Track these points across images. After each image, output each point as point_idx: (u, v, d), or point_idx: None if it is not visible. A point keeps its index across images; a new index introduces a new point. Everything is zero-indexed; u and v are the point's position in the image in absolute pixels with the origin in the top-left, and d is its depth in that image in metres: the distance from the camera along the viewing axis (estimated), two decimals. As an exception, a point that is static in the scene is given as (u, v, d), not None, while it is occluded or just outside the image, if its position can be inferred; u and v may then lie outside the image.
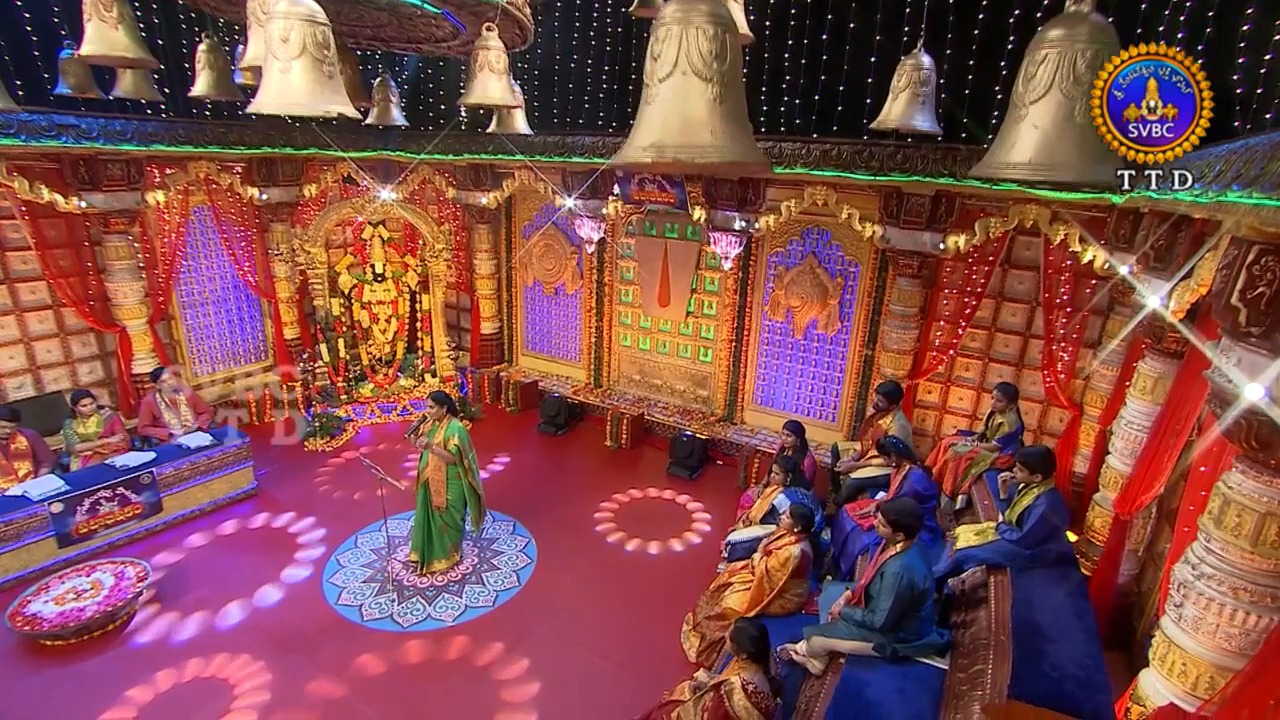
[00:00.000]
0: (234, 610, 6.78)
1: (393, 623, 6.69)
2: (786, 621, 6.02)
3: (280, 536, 8.03)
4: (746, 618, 5.20)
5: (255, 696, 5.80)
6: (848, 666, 4.94)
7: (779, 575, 6.11)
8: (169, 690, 5.83)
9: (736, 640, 4.60)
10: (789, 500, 6.72)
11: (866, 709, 4.56)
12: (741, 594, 6.38)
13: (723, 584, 6.65)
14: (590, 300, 11.45)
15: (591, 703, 5.89)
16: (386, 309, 11.25)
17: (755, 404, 10.41)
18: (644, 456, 10.32)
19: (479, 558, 7.71)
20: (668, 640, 6.59)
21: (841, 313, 9.43)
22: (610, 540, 8.20)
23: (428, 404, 7.17)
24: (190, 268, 10.44)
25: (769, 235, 9.65)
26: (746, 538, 7.09)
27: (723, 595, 6.51)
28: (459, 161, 11.07)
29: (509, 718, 5.70)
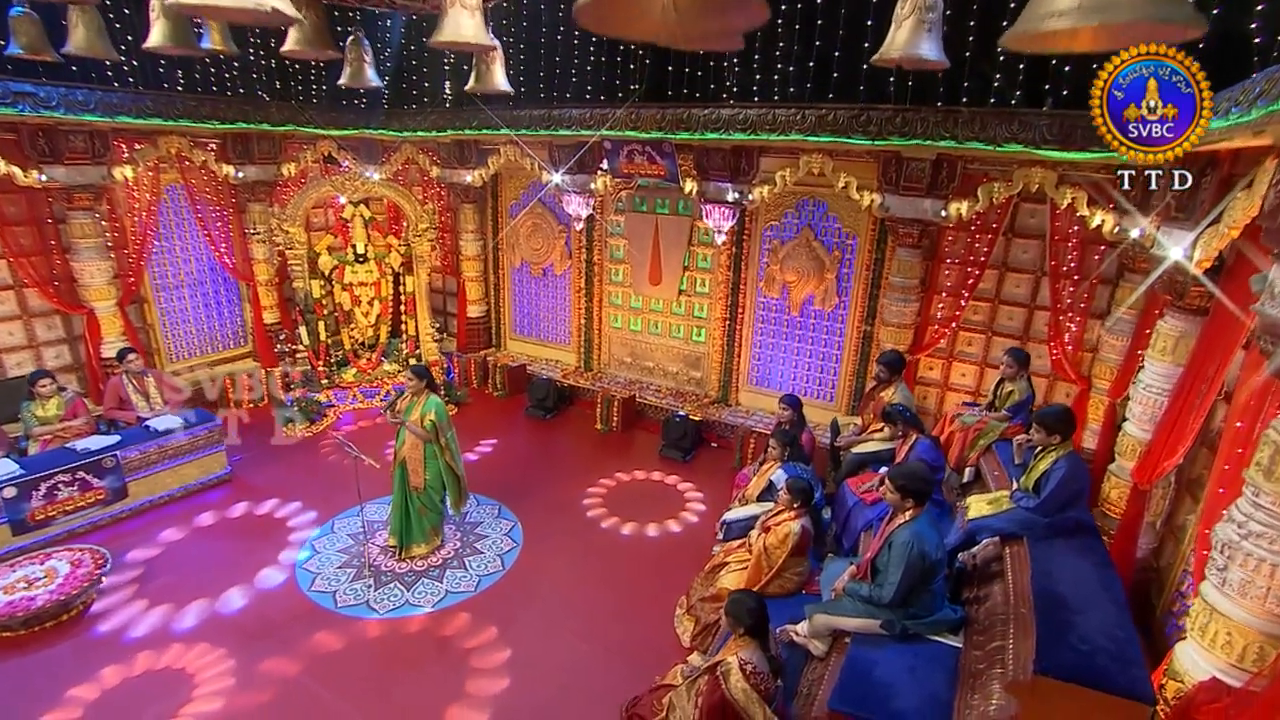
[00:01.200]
0: (200, 599, 6.34)
1: (368, 609, 6.26)
2: (786, 602, 5.61)
3: (253, 522, 7.60)
4: (742, 590, 4.79)
5: (216, 687, 5.37)
6: (854, 646, 4.53)
7: (778, 553, 5.70)
8: (121, 685, 5.39)
9: (733, 613, 4.19)
10: (787, 475, 6.30)
11: (875, 689, 4.15)
12: (738, 573, 5.97)
13: (718, 564, 6.23)
14: (579, 281, 11.02)
15: (578, 689, 5.47)
16: (369, 291, 10.79)
17: (750, 384, 9.99)
18: (635, 439, 9.90)
19: (461, 542, 7.28)
20: (660, 625, 6.18)
21: (839, 287, 9.02)
22: (600, 524, 7.78)
23: (406, 378, 6.74)
24: (164, 249, 9.98)
25: (763, 207, 9.23)
26: (743, 516, 6.68)
27: (718, 576, 6.09)
28: (443, 138, 10.63)
29: (490, 706, 5.28)
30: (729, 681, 4.13)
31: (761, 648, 4.25)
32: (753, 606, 4.22)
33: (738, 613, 4.19)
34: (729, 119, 8.01)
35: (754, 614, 4.19)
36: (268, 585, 6.58)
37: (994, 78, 7.06)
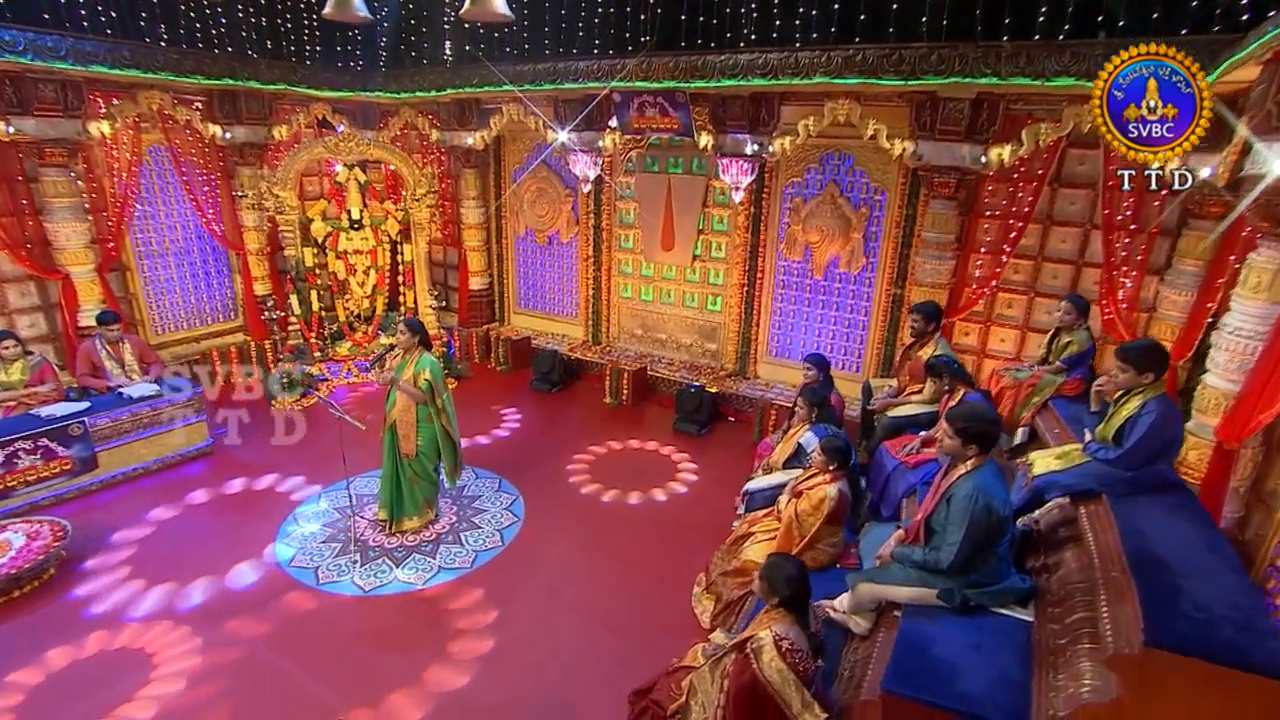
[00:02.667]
0: (167, 576, 5.73)
1: (353, 586, 5.63)
2: (820, 577, 4.89)
3: (235, 497, 6.99)
4: (781, 553, 4.14)
5: (177, 668, 4.76)
6: (906, 620, 3.85)
7: (811, 520, 5.03)
8: (70, 667, 4.80)
9: (769, 579, 3.54)
10: (817, 436, 5.63)
11: (935, 669, 3.48)
12: (765, 544, 5.30)
13: (742, 536, 5.57)
14: (587, 248, 10.37)
15: (585, 672, 4.84)
16: (364, 259, 10.16)
17: (770, 355, 9.32)
18: (647, 413, 9.24)
19: (458, 516, 6.65)
20: (675, 604, 5.55)
21: (866, 247, 8.33)
22: (608, 499, 7.14)
23: (398, 332, 6.11)
24: (147, 214, 9.37)
25: (784, 162, 8.57)
26: (767, 485, 6.01)
27: (742, 548, 5.43)
28: (443, 98, 10.02)
29: (487, 691, 4.63)
30: (761, 660, 3.48)
31: (800, 623, 3.59)
32: (792, 573, 3.57)
33: (774, 579, 3.53)
34: (747, 64, 7.36)
35: (793, 582, 3.54)
36: (242, 560, 5.96)
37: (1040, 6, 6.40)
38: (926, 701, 3.29)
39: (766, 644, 3.49)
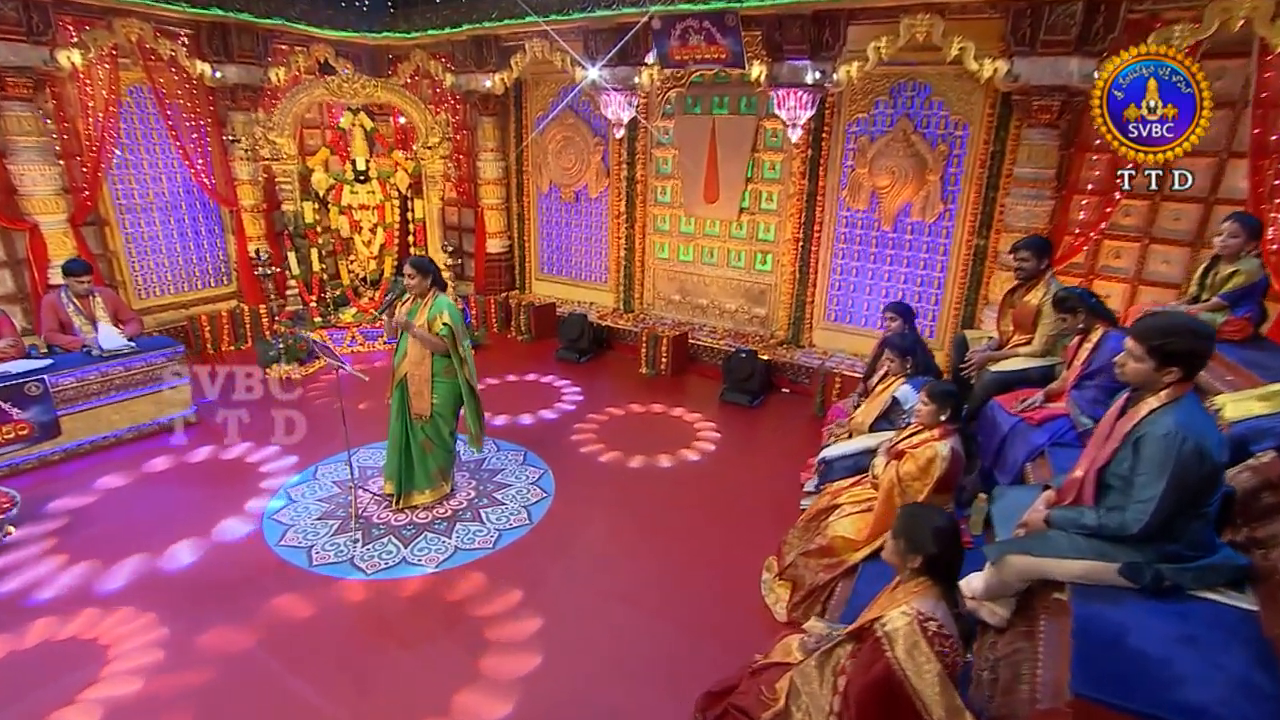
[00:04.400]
0: (135, 555, 4.94)
1: (353, 568, 4.83)
2: None
3: (216, 468, 6.22)
4: (921, 504, 3.29)
5: (135, 663, 3.96)
6: (1078, 604, 2.97)
7: (917, 486, 4.16)
8: (6, 659, 3.99)
9: (908, 535, 2.74)
10: (916, 388, 4.77)
11: (1141, 668, 2.61)
12: (856, 517, 4.44)
13: (825, 508, 4.70)
14: (619, 204, 9.54)
15: (640, 673, 4.01)
16: (371, 216, 9.39)
17: (828, 320, 8.45)
18: (688, 384, 8.40)
19: (477, 490, 5.83)
20: (740, 593, 4.72)
21: (944, 191, 7.44)
22: (649, 475, 6.31)
23: (407, 273, 5.30)
24: (129, 162, 8.62)
25: (848, 96, 7.71)
26: (851, 451, 5.16)
27: (827, 522, 4.56)
28: (458, 35, 9.22)
29: (514, 691, 3.81)
30: (896, 648, 2.64)
31: (948, 598, 2.75)
32: (942, 526, 2.74)
33: (917, 534, 2.71)
34: (811, -25, 6.54)
35: (943, 537, 2.71)
36: (224, 539, 5.18)
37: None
38: (1140, 712, 2.42)
39: (903, 627, 2.65)
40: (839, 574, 4.30)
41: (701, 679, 3.59)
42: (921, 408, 4.33)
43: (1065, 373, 4.73)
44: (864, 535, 4.32)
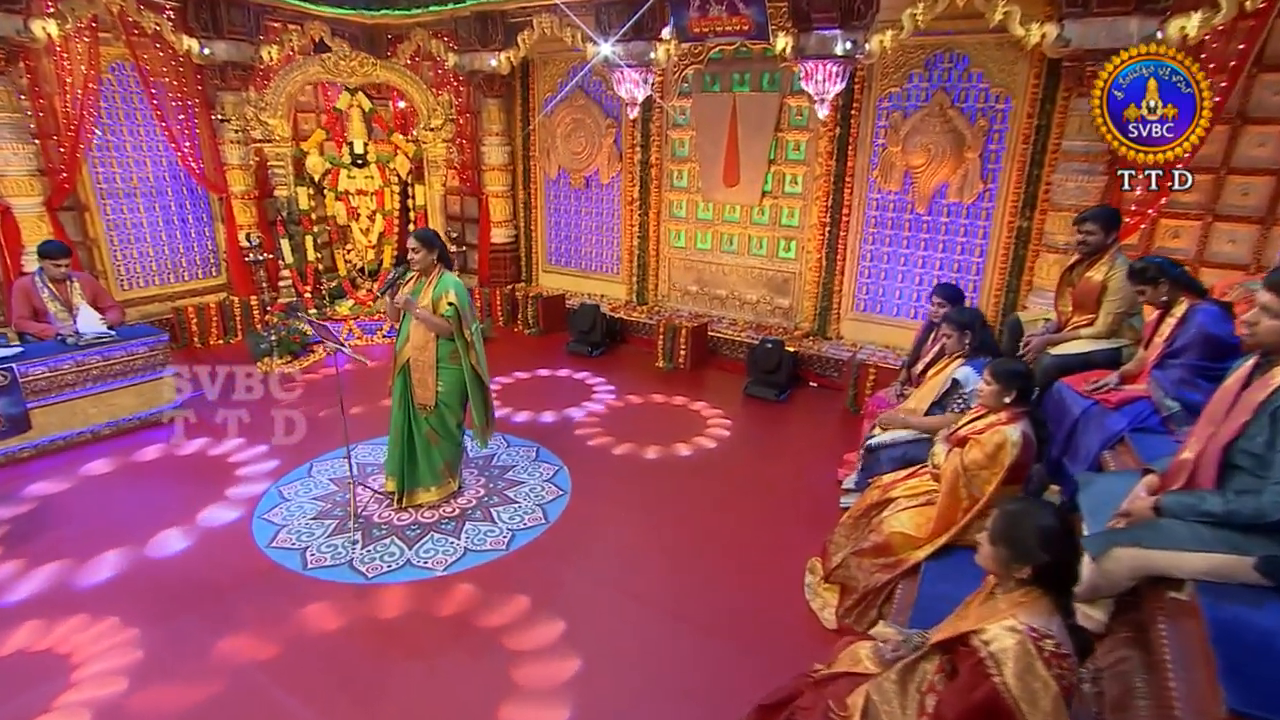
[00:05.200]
0: (110, 558, 4.55)
1: (351, 571, 4.44)
2: None
3: (199, 464, 5.84)
4: (1021, 499, 2.90)
5: (105, 679, 3.55)
6: (1208, 604, 2.58)
7: (985, 475, 3.77)
8: (-41, 670, 3.60)
9: (1010, 538, 2.37)
10: (977, 370, 4.38)
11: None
12: (914, 512, 4.05)
13: (877, 502, 4.31)
14: (632, 189, 9.18)
15: (676, 685, 3.63)
16: (369, 202, 9.03)
17: (856, 311, 8.07)
18: (708, 379, 8.02)
19: (487, 489, 5.45)
20: (780, 595, 4.36)
21: (983, 170, 7.08)
22: (672, 472, 5.93)
23: (410, 248, 4.93)
24: (111, 144, 8.26)
25: (879, 70, 7.36)
26: (901, 439, 4.77)
27: (880, 518, 4.16)
28: (461, 11, 8.87)
29: (547, 706, 3.41)
30: (1005, 670, 2.24)
31: (1061, 609, 2.36)
32: (1050, 526, 2.33)
33: (1021, 538, 2.31)
34: (843, -66, 6.20)
35: (1054, 540, 2.31)
36: (209, 541, 4.79)
37: None
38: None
39: (1013, 647, 2.25)
40: (898, 575, 3.91)
41: (746, 692, 3.19)
42: (984, 388, 3.94)
43: (1142, 352, 4.34)
44: (926, 531, 3.93)
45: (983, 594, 2.61)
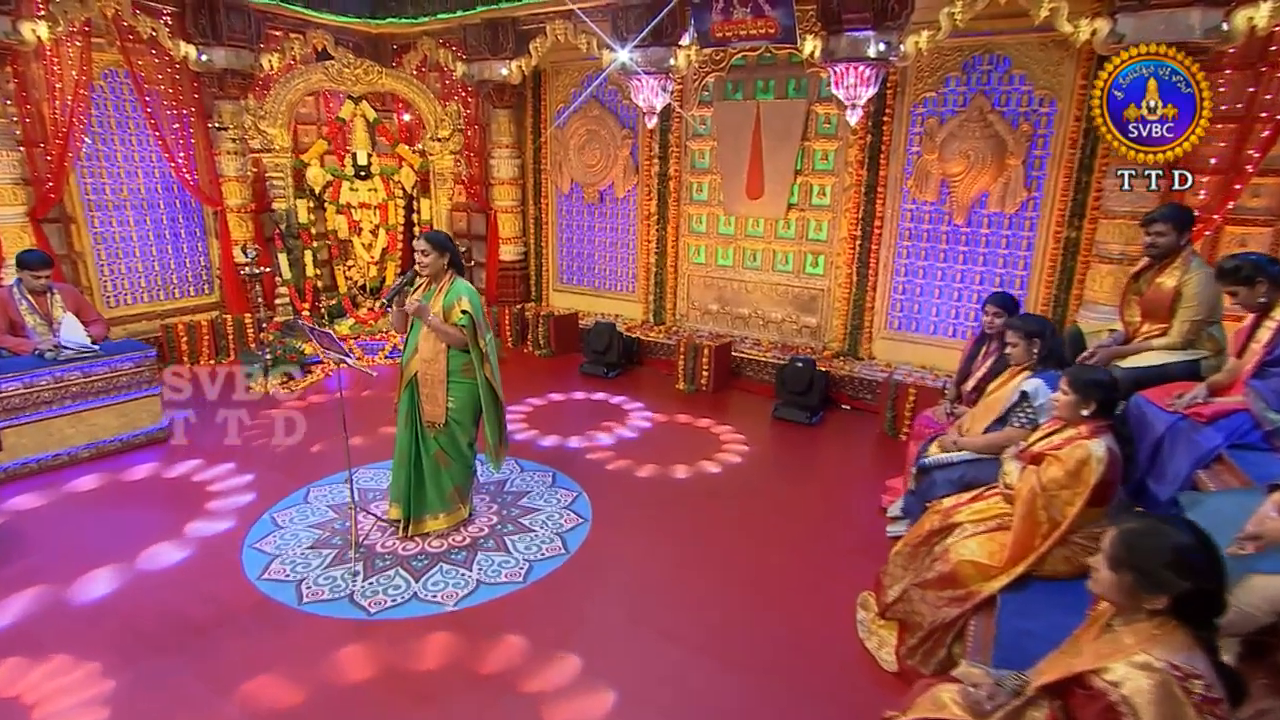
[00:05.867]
0: (80, 591, 4.22)
1: (352, 606, 4.09)
2: (1070, 591, 3.41)
3: (188, 490, 5.50)
4: (1149, 518, 2.57)
5: None
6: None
7: (1066, 496, 3.42)
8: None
9: (1141, 567, 2.05)
10: (1051, 387, 4.06)
11: None
12: (984, 538, 3.69)
13: (938, 529, 3.95)
14: (649, 204, 8.94)
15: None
16: (372, 216, 8.81)
17: (889, 329, 7.77)
18: (733, 401, 7.72)
19: (500, 516, 5.11)
20: (832, 637, 4.00)
21: (1027, 178, 6.81)
22: (702, 499, 5.58)
23: (419, 251, 4.64)
24: (101, 153, 8.05)
25: (914, 73, 7.14)
26: (959, 458, 4.44)
27: (944, 546, 3.81)
28: (471, 19, 8.72)
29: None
30: (1144, 716, 1.91)
31: (1206, 645, 2.02)
32: (1188, 544, 2.01)
33: (1153, 565, 2.01)
34: (877, -68, 6.01)
35: (1194, 561, 1.99)
36: (194, 571, 4.45)
37: None
38: None
39: (1151, 688, 1.92)
40: (969, 608, 3.55)
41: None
42: (1061, 398, 3.61)
43: (1234, 361, 4.02)
44: (998, 559, 3.57)
45: (1095, 626, 2.28)
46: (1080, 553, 3.47)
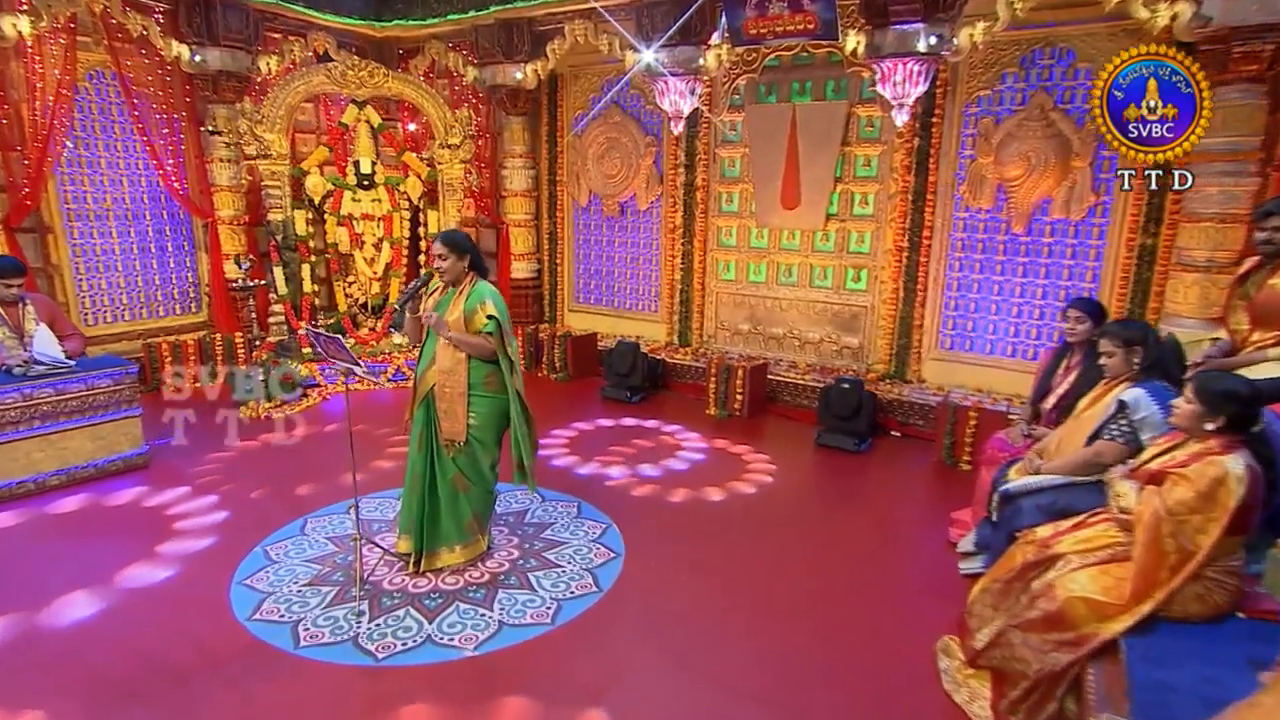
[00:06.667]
0: (46, 627, 3.86)
1: (357, 650, 3.71)
2: (1206, 635, 3.05)
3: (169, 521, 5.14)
4: None
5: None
6: None
7: (1197, 522, 3.03)
8: None
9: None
10: (1155, 398, 3.71)
11: None
12: (1097, 571, 3.30)
13: (1036, 561, 3.57)
14: (674, 216, 8.70)
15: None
16: (375, 228, 8.55)
17: (940, 349, 7.44)
18: (770, 427, 7.38)
19: (521, 550, 4.74)
20: (909, 687, 3.63)
21: (1095, 181, 6.53)
22: (747, 533, 5.22)
23: (436, 253, 4.33)
24: (83, 159, 7.82)
25: (966, 71, 6.92)
26: (1050, 483, 4.08)
27: (1046, 581, 3.41)
28: (484, 19, 8.54)
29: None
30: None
31: None
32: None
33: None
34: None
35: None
36: (176, 611, 4.08)
37: None
38: None
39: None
40: (1083, 654, 3.16)
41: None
42: (1184, 406, 3.25)
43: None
44: (1117, 596, 3.19)
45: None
46: (1215, 590, 3.12)
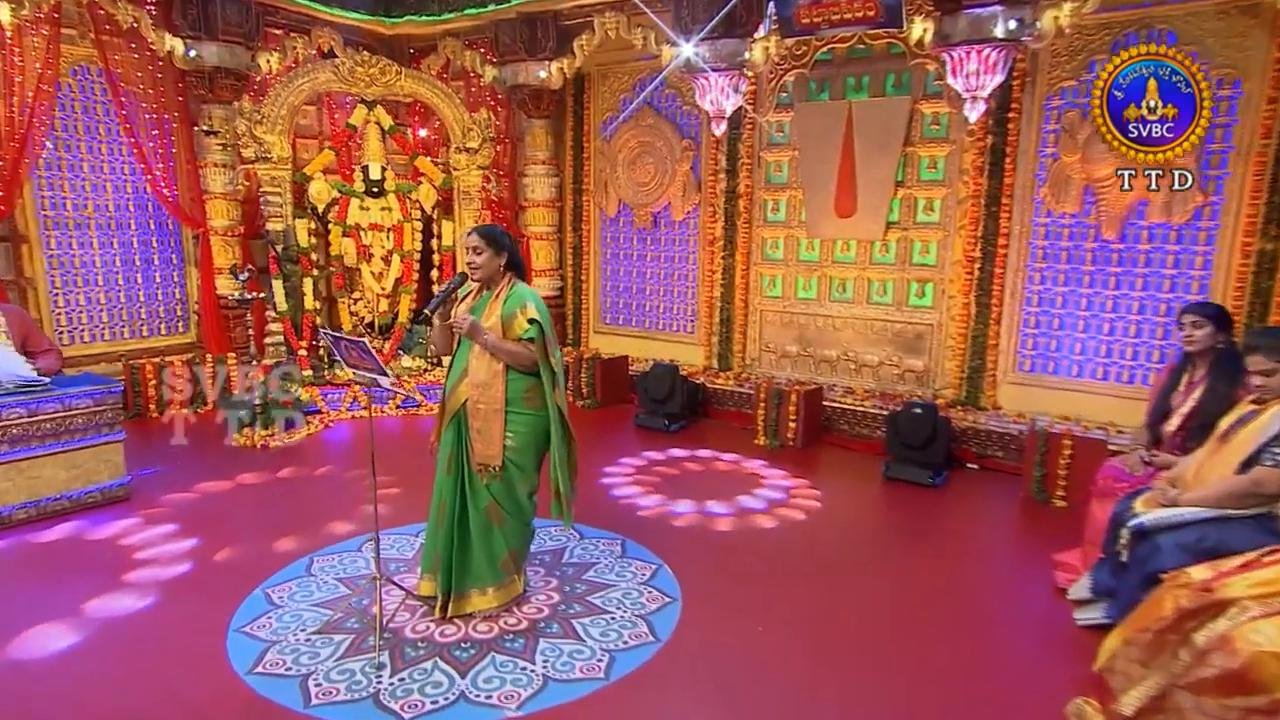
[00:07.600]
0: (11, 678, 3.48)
1: (378, 710, 3.31)
2: None
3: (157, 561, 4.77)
4: None
5: None
6: None
7: None
8: None
9: None
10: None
11: None
12: None
13: (1197, 609, 3.16)
14: (713, 227, 8.43)
15: None
16: (385, 240, 8.27)
17: (1018, 371, 7.06)
18: (828, 458, 7.02)
19: (561, 594, 4.35)
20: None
21: (1202, 179, 6.16)
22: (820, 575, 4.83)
23: (470, 246, 3.99)
24: (63, 162, 7.58)
25: (1047, 60, 6.61)
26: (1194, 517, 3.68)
27: (1219, 634, 3.00)
28: (505, 14, 8.33)
29: None
30: None
31: None
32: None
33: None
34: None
35: None
36: (167, 664, 3.69)
37: None
38: None
39: None
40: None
41: None
42: None
43: None
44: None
45: None
46: None
